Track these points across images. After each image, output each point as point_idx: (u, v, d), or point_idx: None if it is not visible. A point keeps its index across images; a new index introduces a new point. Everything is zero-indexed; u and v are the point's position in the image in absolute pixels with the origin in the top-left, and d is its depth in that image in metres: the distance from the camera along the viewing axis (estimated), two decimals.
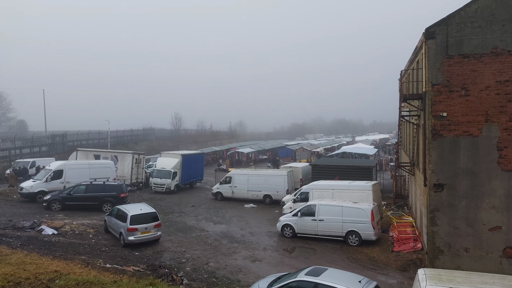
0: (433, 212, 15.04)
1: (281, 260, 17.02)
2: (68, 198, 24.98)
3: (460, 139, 14.62)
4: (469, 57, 14.41)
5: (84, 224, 21.42)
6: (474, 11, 14.27)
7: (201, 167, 40.12)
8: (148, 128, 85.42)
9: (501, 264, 14.28)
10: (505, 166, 14.22)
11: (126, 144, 67.36)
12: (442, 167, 14.87)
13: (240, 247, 18.80)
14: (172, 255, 17.39)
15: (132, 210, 18.90)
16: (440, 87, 14.74)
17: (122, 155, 35.39)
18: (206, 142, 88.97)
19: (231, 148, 70.09)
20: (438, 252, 14.97)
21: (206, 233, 21.12)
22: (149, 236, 18.53)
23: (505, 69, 14.03)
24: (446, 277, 9.73)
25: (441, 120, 14.76)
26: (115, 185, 26.16)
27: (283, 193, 28.98)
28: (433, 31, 14.74)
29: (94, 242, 18.44)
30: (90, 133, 62.12)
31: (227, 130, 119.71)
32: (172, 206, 28.51)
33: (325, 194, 22.57)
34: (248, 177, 30.78)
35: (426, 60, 14.97)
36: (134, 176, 35.01)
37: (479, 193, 14.52)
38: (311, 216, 19.95)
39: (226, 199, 31.21)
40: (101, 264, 14.53)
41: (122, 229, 18.26)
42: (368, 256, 17.58)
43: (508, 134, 14.12)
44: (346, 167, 31.29)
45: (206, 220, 24.36)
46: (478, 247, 14.57)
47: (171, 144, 77.05)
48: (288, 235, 20.43)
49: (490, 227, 14.41)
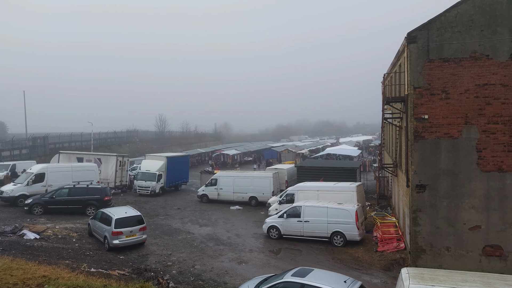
0: (415, 213, 15.38)
1: (267, 262, 17.11)
2: (50, 202, 24.53)
3: (441, 141, 15.00)
4: (449, 61, 14.82)
5: (67, 228, 21.08)
6: (453, 16, 14.68)
7: (186, 169, 39.97)
8: (132, 130, 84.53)
9: (480, 263, 14.69)
10: (484, 167, 14.65)
11: (110, 146, 66.50)
12: (423, 168, 15.23)
13: (226, 249, 18.81)
14: (157, 258, 17.28)
15: (116, 213, 18.70)
16: (421, 90, 15.10)
17: (105, 158, 34.96)
18: (191, 144, 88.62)
19: (216, 150, 70.00)
20: (421, 251, 15.31)
21: (192, 236, 21.05)
22: (134, 239, 18.37)
23: (483, 73, 14.47)
24: (428, 276, 9.98)
25: (422, 122, 15.12)
26: (99, 188, 25.82)
27: (268, 194, 29.10)
28: (415, 35, 15.11)
29: (77, 246, 18.17)
30: (73, 135, 61.06)
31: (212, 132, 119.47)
32: (157, 209, 28.30)
33: (310, 195, 22.78)
34: (233, 179, 30.81)
35: (408, 63, 15.33)
36: (118, 179, 34.63)
37: (459, 193, 14.93)
38: (296, 217, 20.11)
39: (211, 201, 31.15)
40: (86, 268, 14.34)
41: (107, 233, 18.05)
42: (352, 257, 17.82)
43: (486, 136, 14.56)
44: (330, 169, 31.62)
45: (192, 223, 24.27)
46: (459, 246, 14.96)
47: (156, 146, 76.42)
48: (274, 237, 20.54)
49: (470, 226, 14.82)
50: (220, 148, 72.04)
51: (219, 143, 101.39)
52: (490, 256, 14.65)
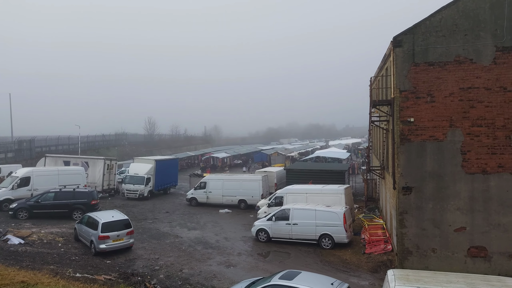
0: (402, 214, 15.52)
1: (256, 265, 17.08)
2: (35, 206, 24.14)
3: (427, 144, 15.19)
4: (434, 65, 15.03)
5: (53, 233, 20.77)
6: (438, 21, 14.92)
7: (175, 172, 39.75)
8: (121, 133, 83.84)
9: (465, 264, 14.88)
10: (468, 169, 14.87)
11: (98, 149, 65.80)
12: (410, 171, 15.39)
13: (214, 252, 18.73)
14: (145, 262, 17.12)
15: (103, 217, 18.50)
16: (407, 94, 15.28)
17: (93, 161, 34.56)
18: (181, 147, 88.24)
19: (206, 153, 69.77)
20: (407, 253, 15.44)
21: (180, 240, 20.91)
22: (121, 243, 18.17)
23: (467, 77, 14.71)
24: (413, 277, 10.08)
25: (408, 125, 15.29)
26: (86, 192, 25.51)
27: (258, 197, 29.10)
28: (401, 39, 15.30)
29: (63, 251, 17.91)
30: (60, 138, 60.30)
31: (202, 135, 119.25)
32: (145, 213, 28.07)
33: (299, 198, 22.84)
34: (223, 182, 30.75)
35: (394, 67, 15.51)
36: (106, 182, 34.25)
37: (444, 195, 15.11)
38: (285, 220, 20.14)
39: (200, 205, 31.02)
40: (71, 273, 14.13)
41: (93, 237, 17.83)
42: (340, 259, 17.90)
43: (471, 138, 14.79)
44: (319, 171, 31.77)
45: (180, 226, 24.12)
46: (444, 247, 15.13)
47: (145, 149, 75.81)
48: (263, 240, 20.52)
49: (455, 228, 15.00)
50: (209, 151, 71.83)
51: (208, 146, 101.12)
52: (475, 257, 14.84)
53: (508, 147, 14.46)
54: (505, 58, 14.33)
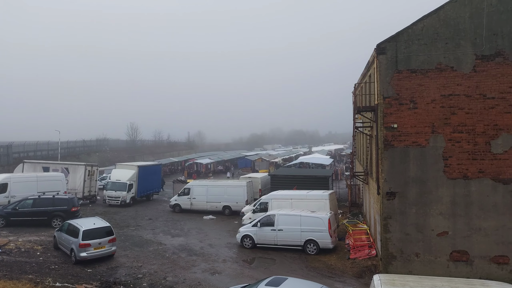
0: (386, 220, 15.67)
1: (241, 272, 16.92)
2: (13, 214, 23.38)
3: (410, 149, 15.43)
4: (416, 72, 15.34)
5: (31, 241, 20.14)
6: (420, 29, 15.25)
7: (158, 178, 39.27)
8: (102, 138, 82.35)
9: (448, 268, 15.11)
10: (450, 175, 15.16)
11: (78, 155, 64.42)
12: (393, 176, 15.59)
13: (199, 259, 18.48)
14: (127, 270, 16.74)
15: (84, 224, 18.04)
16: (390, 100, 15.52)
17: (73, 167, 33.79)
18: (163, 153, 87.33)
19: (189, 159, 69.22)
20: (391, 258, 15.58)
21: (164, 247, 20.57)
22: (103, 251, 17.74)
23: (448, 84, 15.06)
24: (399, 282, 10.16)
25: (392, 131, 15.52)
26: (66, 199, 24.86)
27: (242, 203, 28.95)
28: (384, 47, 15.57)
29: (42, 259, 17.36)
30: (39, 144, 58.77)
31: (185, 140, 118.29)
32: (128, 220, 27.55)
33: (284, 203, 22.84)
34: (207, 188, 30.49)
35: (378, 74, 15.75)
36: (87, 189, 33.51)
37: (427, 200, 15.36)
38: (270, 226, 20.07)
39: (184, 211, 30.66)
40: (50, 283, 13.69)
41: (74, 245, 17.35)
42: (325, 264, 17.92)
43: (452, 144, 15.10)
44: (303, 177, 31.90)
45: (164, 233, 23.75)
46: (427, 252, 15.34)
47: (127, 155, 74.65)
48: (248, 246, 20.38)
49: (438, 232, 15.24)
50: (193, 157, 71.28)
51: (192, 152, 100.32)
52: (457, 261, 15.09)
53: (488, 153, 14.82)
54: (484, 66, 14.73)
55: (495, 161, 14.75)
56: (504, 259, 14.73)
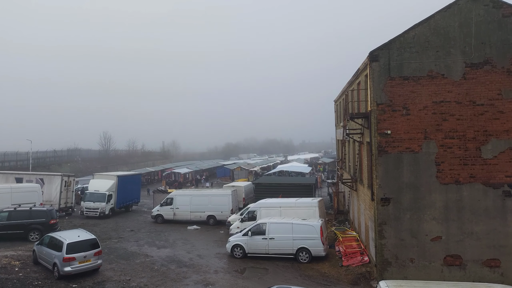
0: (380, 226, 15.72)
1: (235, 282, 16.47)
2: None
3: (403, 155, 15.62)
4: (408, 79, 15.62)
5: (7, 256, 18.90)
6: (412, 37, 15.58)
7: (137, 188, 38.17)
8: (73, 148, 79.46)
9: (442, 272, 15.27)
10: (442, 180, 15.43)
11: (49, 166, 61.85)
12: (388, 182, 15.70)
13: (190, 271, 17.88)
14: (115, 285, 15.95)
15: (68, 237, 17.08)
16: (384, 106, 15.71)
17: (49, 178, 32.23)
18: (138, 163, 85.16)
19: (166, 168, 67.83)
20: (387, 264, 15.61)
21: (151, 259, 19.80)
22: (89, 265, 16.82)
23: (439, 91, 15.41)
24: (407, 287, 10.11)
25: (386, 137, 15.68)
26: (44, 211, 23.58)
27: (227, 213, 28.45)
28: (377, 54, 15.79)
29: (22, 276, 16.28)
30: (6, 154, 56.06)
31: (160, 150, 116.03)
32: (109, 232, 26.46)
33: (273, 212, 22.57)
34: (191, 198, 29.78)
35: (371, 81, 15.92)
36: (63, 200, 32.01)
37: (421, 205, 15.55)
38: (261, 234, 19.75)
39: (167, 222, 29.79)
40: None
41: (57, 259, 16.36)
42: (319, 272, 17.75)
43: (444, 150, 15.41)
44: (288, 185, 31.84)
45: (149, 245, 22.92)
46: (422, 257, 15.47)
47: (99, 165, 72.37)
48: (238, 256, 19.94)
49: (431, 237, 15.43)
50: (170, 167, 69.89)
51: (167, 161, 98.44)
52: (450, 265, 15.28)
53: (479, 158, 15.20)
54: (473, 74, 15.19)
55: (486, 166, 15.14)
56: (495, 262, 15.05)
